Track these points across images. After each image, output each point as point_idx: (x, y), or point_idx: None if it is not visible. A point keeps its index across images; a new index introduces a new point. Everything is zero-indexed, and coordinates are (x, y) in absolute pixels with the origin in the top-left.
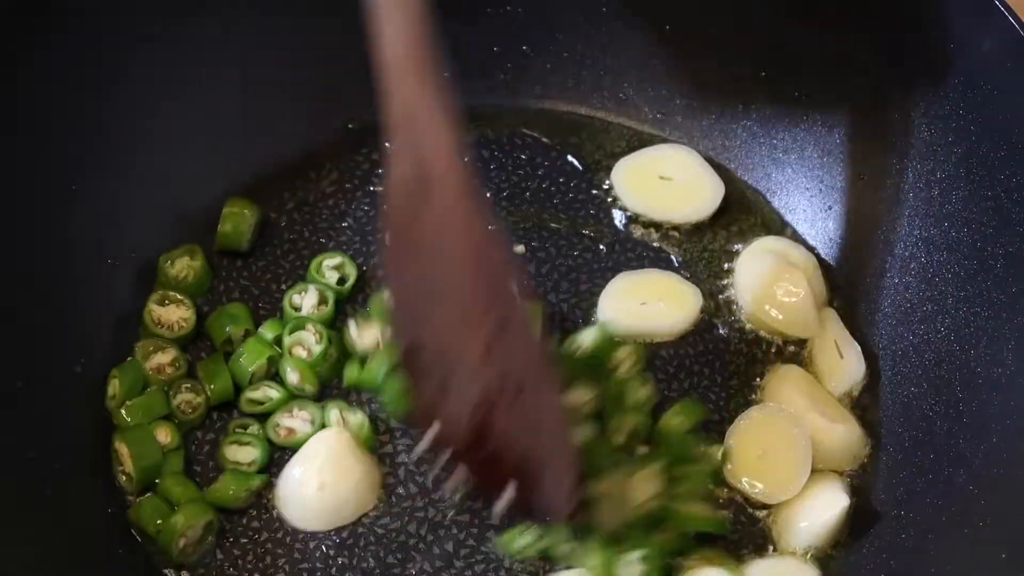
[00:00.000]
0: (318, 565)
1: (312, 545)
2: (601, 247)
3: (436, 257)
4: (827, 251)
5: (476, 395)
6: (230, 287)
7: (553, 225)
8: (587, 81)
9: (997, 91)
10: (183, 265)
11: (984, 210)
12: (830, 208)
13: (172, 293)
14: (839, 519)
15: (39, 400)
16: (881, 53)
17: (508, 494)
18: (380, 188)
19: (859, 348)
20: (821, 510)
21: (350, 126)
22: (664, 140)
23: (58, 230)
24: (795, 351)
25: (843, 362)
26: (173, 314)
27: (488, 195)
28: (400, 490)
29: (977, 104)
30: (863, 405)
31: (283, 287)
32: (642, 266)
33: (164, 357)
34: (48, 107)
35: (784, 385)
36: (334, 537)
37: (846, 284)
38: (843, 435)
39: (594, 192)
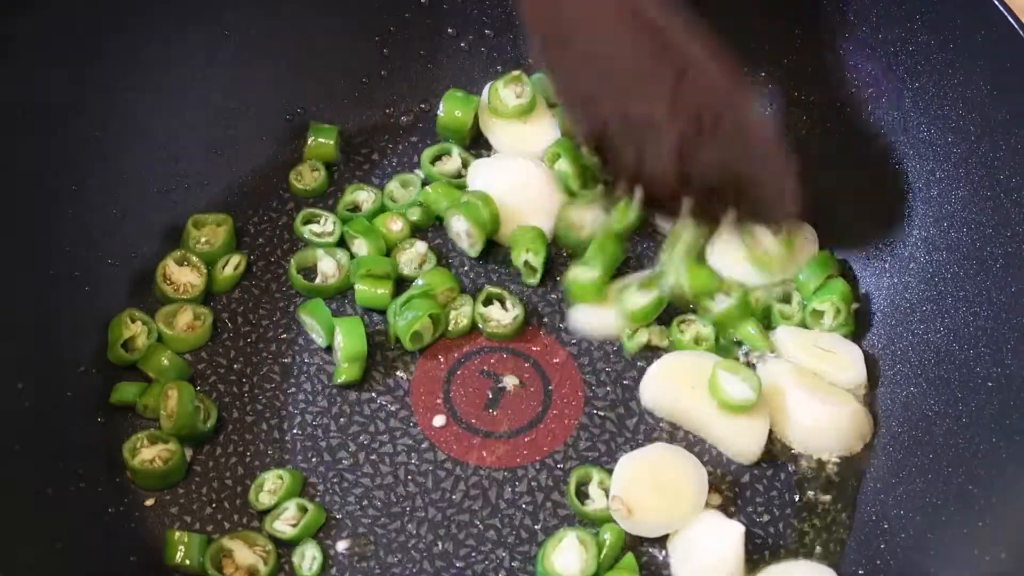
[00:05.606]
0: None
1: None
2: None
3: (589, 35)
4: None
5: (674, 143)
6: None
7: None
8: None
9: (997, 91)
10: (209, 230)
11: (984, 210)
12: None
13: (192, 256)
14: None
15: (41, 400)
16: (880, 53)
17: (730, 215)
18: None
19: (859, 350)
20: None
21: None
22: None
23: (56, 231)
24: None
25: (842, 360)
26: (185, 276)
27: None
28: None
29: (977, 104)
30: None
31: None
32: None
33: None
34: (50, 97)
35: (779, 380)
36: None
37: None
38: (849, 416)
39: None
